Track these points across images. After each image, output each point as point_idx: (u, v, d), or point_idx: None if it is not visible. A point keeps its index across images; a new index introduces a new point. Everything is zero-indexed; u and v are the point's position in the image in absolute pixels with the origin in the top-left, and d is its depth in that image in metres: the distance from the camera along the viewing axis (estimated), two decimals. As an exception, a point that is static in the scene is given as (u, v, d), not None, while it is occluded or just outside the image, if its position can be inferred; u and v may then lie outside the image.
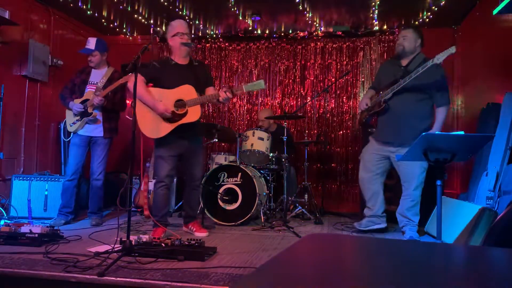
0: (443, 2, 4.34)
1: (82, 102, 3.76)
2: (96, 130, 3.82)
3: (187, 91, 3.11)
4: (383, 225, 3.60)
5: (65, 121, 3.92)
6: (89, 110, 3.73)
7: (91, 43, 3.86)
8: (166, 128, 3.12)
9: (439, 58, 3.01)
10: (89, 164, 3.90)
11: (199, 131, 3.43)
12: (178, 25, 3.25)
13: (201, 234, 3.32)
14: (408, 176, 3.36)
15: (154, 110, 3.11)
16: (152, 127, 3.14)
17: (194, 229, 3.41)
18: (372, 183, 3.55)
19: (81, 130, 3.79)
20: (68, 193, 3.79)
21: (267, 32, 5.54)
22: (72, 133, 3.85)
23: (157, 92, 3.17)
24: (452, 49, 2.96)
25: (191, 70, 3.26)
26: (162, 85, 3.19)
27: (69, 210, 3.82)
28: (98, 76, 3.88)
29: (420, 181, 3.32)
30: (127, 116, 3.47)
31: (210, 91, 3.32)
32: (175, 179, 4.62)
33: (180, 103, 3.11)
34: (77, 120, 3.78)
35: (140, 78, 3.11)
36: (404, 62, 3.46)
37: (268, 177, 4.36)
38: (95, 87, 3.82)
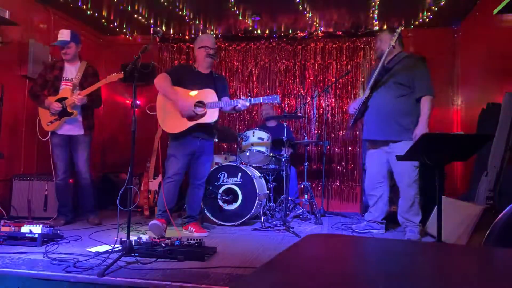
0: (443, 2, 4.34)
1: (59, 101, 3.62)
2: (76, 129, 3.72)
3: (208, 94, 3.33)
4: (381, 231, 3.62)
5: (39, 120, 3.74)
6: (69, 110, 3.61)
7: (65, 34, 3.70)
8: (183, 125, 3.30)
9: (390, 43, 3.33)
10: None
11: (213, 132, 3.57)
12: (206, 39, 3.50)
13: (200, 234, 3.33)
14: (399, 175, 3.43)
15: (177, 107, 3.29)
16: (171, 122, 3.33)
17: (194, 229, 3.42)
18: (376, 189, 3.58)
19: (61, 129, 3.68)
20: (63, 193, 3.77)
21: (267, 32, 5.54)
22: (49, 133, 3.70)
23: (181, 91, 3.36)
24: (398, 30, 3.33)
25: (210, 79, 3.47)
26: (183, 87, 3.37)
27: (68, 209, 3.81)
28: (72, 71, 3.75)
29: (412, 180, 3.35)
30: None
31: (226, 99, 3.52)
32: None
33: (200, 104, 3.31)
34: (55, 120, 3.64)
35: (168, 76, 3.37)
36: (386, 62, 3.51)
37: (268, 177, 4.36)
38: (71, 84, 3.69)
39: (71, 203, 3.86)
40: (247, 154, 4.21)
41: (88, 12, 4.86)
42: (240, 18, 5.02)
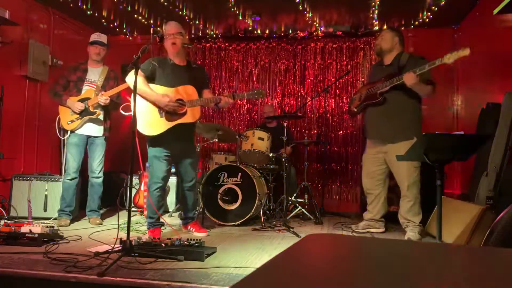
0: (443, 2, 4.34)
1: (82, 101, 3.71)
2: (96, 130, 3.82)
3: (188, 92, 3.12)
4: (381, 230, 3.62)
5: (59, 119, 3.78)
6: (91, 109, 3.71)
7: (103, 37, 3.88)
8: (163, 126, 3.08)
9: (450, 58, 2.81)
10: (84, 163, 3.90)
11: (193, 134, 3.42)
12: (168, 28, 3.20)
13: (200, 234, 3.32)
14: (399, 176, 3.42)
15: (157, 103, 3.06)
16: (150, 124, 3.08)
17: (194, 229, 3.40)
18: (375, 188, 3.59)
19: (81, 129, 3.75)
20: (70, 193, 3.78)
21: (267, 32, 5.54)
22: (69, 132, 3.75)
23: (157, 89, 3.13)
24: (466, 51, 2.72)
25: (188, 72, 3.25)
26: (159, 84, 3.15)
27: (72, 209, 3.83)
28: (96, 74, 3.85)
29: (412, 180, 3.34)
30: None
31: (206, 93, 3.33)
32: (175, 178, 4.63)
33: (179, 102, 3.09)
34: (76, 119, 3.71)
35: (141, 74, 3.05)
36: (387, 61, 3.53)
37: (268, 177, 4.36)
38: (94, 86, 3.80)
39: (75, 203, 3.88)
40: (247, 154, 4.21)
41: (88, 12, 4.86)
42: (240, 18, 5.02)
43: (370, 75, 3.93)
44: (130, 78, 3.02)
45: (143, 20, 5.10)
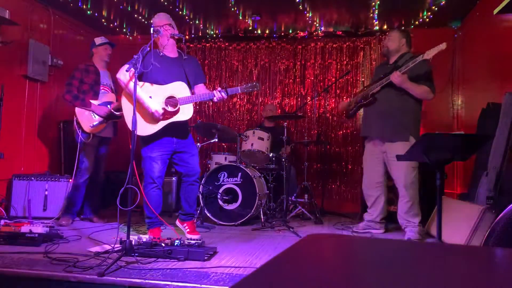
0: (443, 2, 4.34)
1: (104, 105, 3.76)
2: (108, 131, 3.87)
3: (179, 89, 3.00)
4: (381, 231, 3.62)
5: (77, 121, 3.68)
6: (117, 113, 3.75)
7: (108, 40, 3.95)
8: (155, 125, 2.98)
9: (429, 53, 3.04)
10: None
11: (188, 130, 3.27)
12: (156, 20, 3.16)
13: (193, 237, 3.10)
14: (396, 176, 3.42)
15: (145, 108, 2.96)
16: (141, 124, 2.95)
17: (188, 229, 3.23)
18: (374, 190, 3.59)
19: (101, 132, 3.78)
20: (80, 193, 3.81)
21: (267, 32, 5.54)
22: (91, 135, 3.72)
23: (147, 87, 3.00)
24: (443, 46, 2.98)
25: (180, 64, 3.13)
26: (150, 79, 3.02)
27: (77, 209, 3.87)
28: (106, 77, 3.92)
29: (410, 181, 3.34)
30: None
31: (200, 89, 3.19)
32: (175, 178, 4.63)
33: (172, 101, 2.98)
34: (100, 122, 3.72)
35: (132, 70, 2.82)
36: (392, 61, 3.55)
37: (268, 177, 4.36)
38: (109, 89, 3.88)
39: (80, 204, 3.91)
40: (247, 154, 4.21)
41: (88, 12, 4.86)
42: (240, 18, 5.02)
43: (374, 74, 3.94)
44: (121, 75, 2.97)
45: (143, 20, 5.10)
